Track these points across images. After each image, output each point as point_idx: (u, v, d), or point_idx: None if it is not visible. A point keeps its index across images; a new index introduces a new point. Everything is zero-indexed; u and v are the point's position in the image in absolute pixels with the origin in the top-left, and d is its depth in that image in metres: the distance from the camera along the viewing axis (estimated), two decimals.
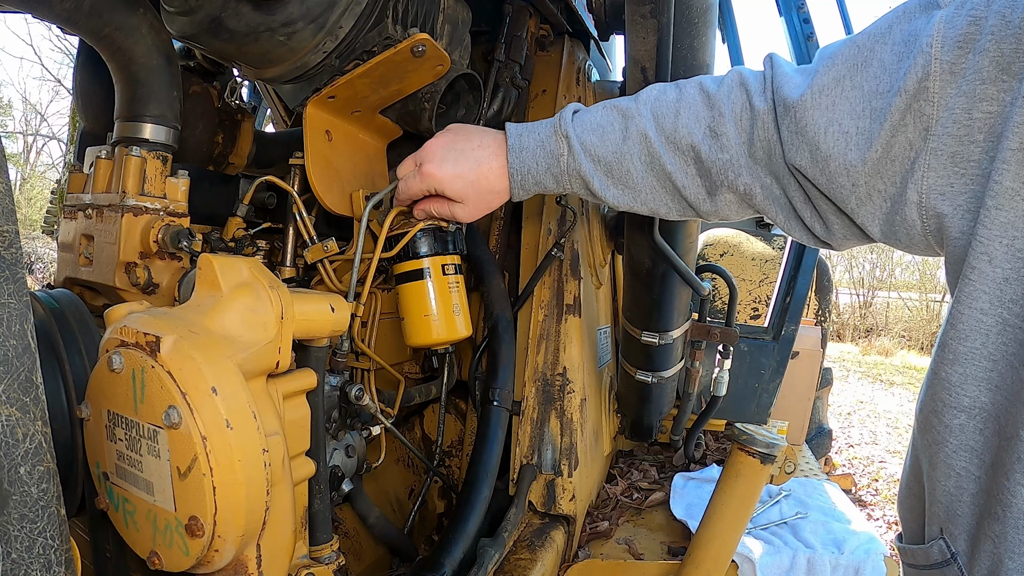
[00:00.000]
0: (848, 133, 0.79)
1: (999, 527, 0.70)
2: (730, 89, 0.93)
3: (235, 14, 1.07)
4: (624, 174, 0.99)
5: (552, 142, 1.02)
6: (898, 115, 0.74)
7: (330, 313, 0.90)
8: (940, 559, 0.79)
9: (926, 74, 0.72)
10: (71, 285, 1.18)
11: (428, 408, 1.80)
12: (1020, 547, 0.69)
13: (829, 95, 0.81)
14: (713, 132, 0.93)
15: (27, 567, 0.54)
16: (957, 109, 0.70)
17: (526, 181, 1.05)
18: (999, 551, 0.71)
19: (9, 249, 0.53)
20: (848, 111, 0.79)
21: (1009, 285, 0.68)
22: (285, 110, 2.03)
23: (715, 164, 0.94)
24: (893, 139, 0.75)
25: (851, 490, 5.17)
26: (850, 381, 10.66)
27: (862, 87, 0.78)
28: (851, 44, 0.81)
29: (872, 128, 0.77)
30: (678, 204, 1.01)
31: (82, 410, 0.76)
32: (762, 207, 0.96)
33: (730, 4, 2.83)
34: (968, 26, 0.69)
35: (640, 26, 1.10)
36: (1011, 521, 0.69)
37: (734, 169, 0.93)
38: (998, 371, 0.71)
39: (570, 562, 1.58)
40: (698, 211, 1.01)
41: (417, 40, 1.13)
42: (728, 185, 0.95)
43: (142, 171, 1.09)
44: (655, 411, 2.00)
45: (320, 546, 0.97)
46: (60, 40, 14.76)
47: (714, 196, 0.97)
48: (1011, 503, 0.69)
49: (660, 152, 0.96)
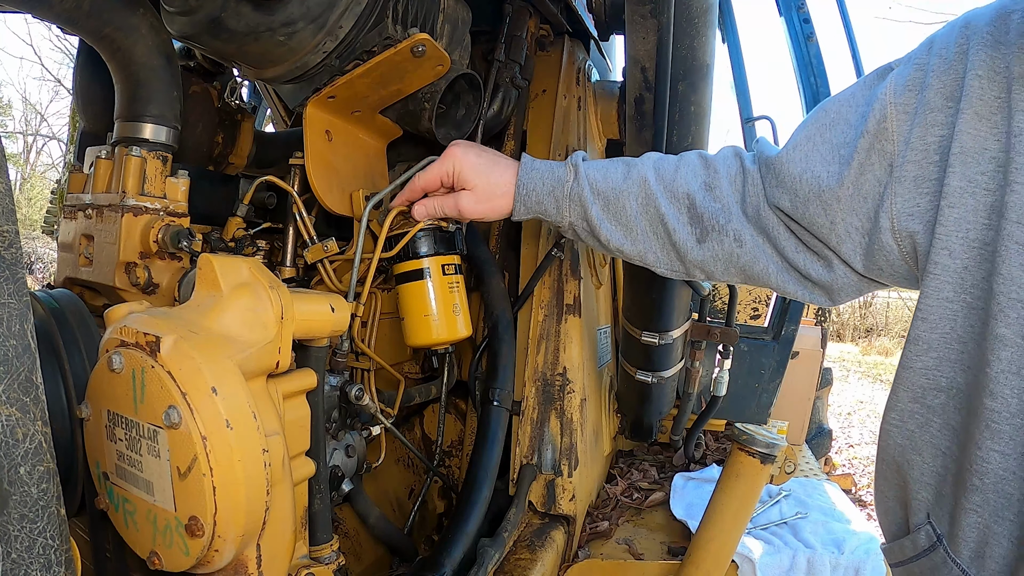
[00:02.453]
0: (820, 177, 0.88)
1: (979, 497, 0.75)
2: (726, 156, 1.04)
3: (235, 14, 1.07)
4: (620, 210, 1.05)
5: (561, 169, 1.09)
6: (863, 154, 0.84)
7: (330, 313, 0.90)
8: (927, 545, 0.82)
9: (883, 116, 0.82)
10: (71, 285, 1.18)
11: (428, 408, 1.80)
12: (1004, 511, 0.73)
13: (802, 149, 0.92)
14: (708, 186, 1.02)
15: (27, 567, 0.54)
16: (914, 139, 0.80)
17: (529, 199, 1.10)
18: (984, 520, 0.75)
19: (9, 249, 0.53)
20: (820, 159, 0.89)
21: (969, 273, 0.76)
22: (285, 110, 2.03)
23: (707, 211, 1.00)
24: (861, 177, 0.84)
25: (851, 490, 5.17)
26: (850, 381, 10.66)
27: (831, 141, 0.89)
28: (821, 110, 0.93)
29: (841, 170, 0.86)
30: (666, 253, 1.05)
31: (82, 410, 0.76)
32: (751, 260, 1.00)
33: (730, 4, 2.83)
34: (914, 72, 0.82)
35: (640, 26, 1.10)
36: (990, 487, 0.74)
37: (725, 215, 0.99)
38: (968, 352, 0.77)
39: (570, 562, 1.58)
40: (685, 260, 1.04)
41: (417, 40, 1.13)
42: (719, 230, 1.00)
43: (142, 171, 1.09)
44: (655, 411, 2.00)
45: (320, 546, 0.97)
46: (60, 40, 14.76)
47: (703, 243, 1.01)
48: (986, 470, 0.73)
49: (656, 195, 1.02)
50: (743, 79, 3.05)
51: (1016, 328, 0.70)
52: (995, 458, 0.73)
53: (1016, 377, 0.71)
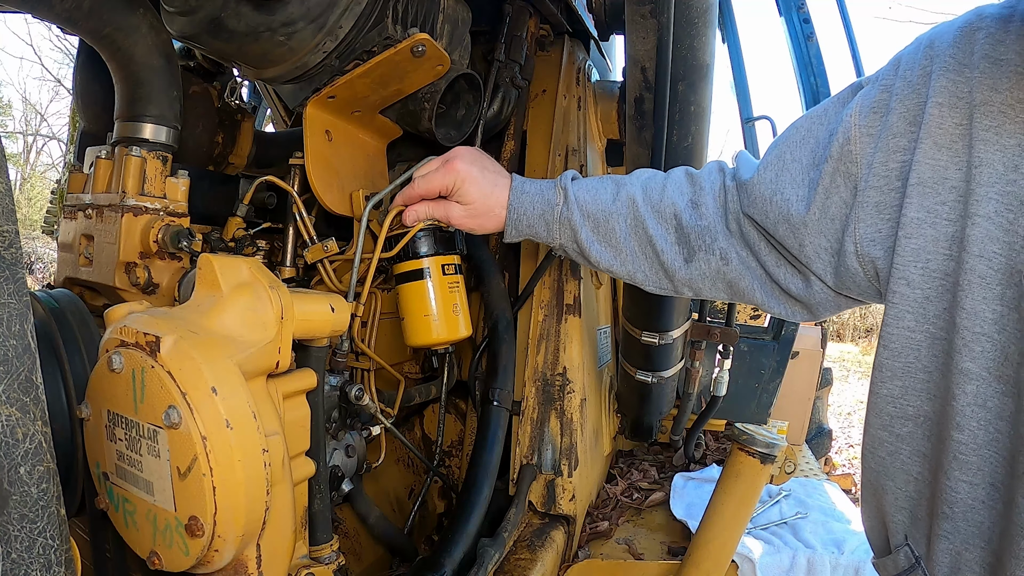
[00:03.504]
0: (789, 200, 0.89)
1: (950, 524, 0.75)
2: (710, 172, 1.04)
3: (235, 14, 1.07)
4: (609, 232, 1.05)
5: (551, 192, 1.09)
6: (828, 179, 0.84)
7: (330, 313, 0.90)
8: (906, 565, 0.83)
9: (847, 139, 0.82)
10: (71, 285, 1.18)
11: (428, 408, 1.80)
12: (975, 539, 0.74)
13: (773, 169, 0.93)
14: (694, 203, 1.02)
15: (27, 567, 0.54)
16: (876, 164, 0.79)
17: (520, 223, 1.10)
18: (956, 547, 0.76)
19: (9, 249, 0.53)
20: (789, 181, 0.90)
21: (930, 303, 0.75)
22: (285, 110, 2.03)
23: (694, 230, 1.01)
24: (828, 200, 0.85)
25: (851, 490, 5.16)
26: (850, 381, 10.65)
27: (801, 160, 0.89)
28: (793, 127, 0.93)
29: (809, 195, 0.87)
30: (655, 272, 1.06)
31: (82, 410, 0.76)
32: (737, 277, 1.00)
33: (730, 4, 2.83)
34: (880, 94, 0.81)
35: (640, 26, 1.10)
36: (960, 516, 0.74)
37: (711, 234, 1.00)
38: (933, 381, 0.77)
39: (570, 562, 1.58)
40: (673, 279, 1.05)
41: (417, 40, 1.13)
42: (706, 249, 1.01)
43: (142, 171, 1.09)
44: (655, 411, 2.00)
45: (320, 546, 0.97)
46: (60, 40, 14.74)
47: (690, 262, 1.02)
48: (956, 499, 0.74)
49: (644, 216, 1.03)
50: (743, 79, 3.05)
51: (981, 362, 0.70)
52: (964, 488, 0.74)
53: (982, 410, 0.71)
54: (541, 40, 1.77)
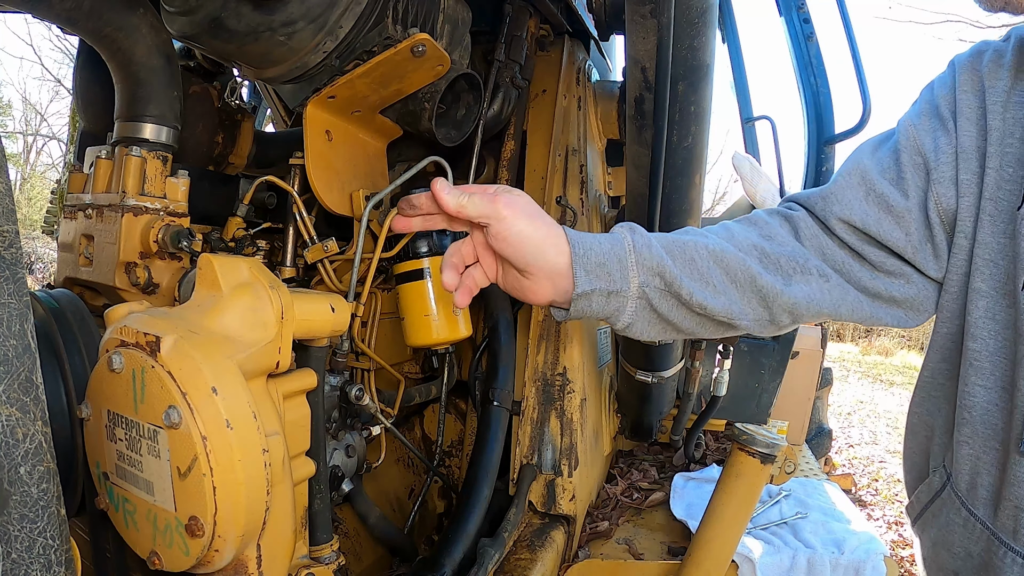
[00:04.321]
0: (886, 194, 0.94)
1: (969, 429, 0.88)
2: (760, 215, 1.02)
3: (235, 14, 1.07)
4: (689, 262, 0.93)
5: (612, 234, 0.94)
6: (908, 172, 0.94)
7: (330, 313, 0.90)
8: (939, 486, 0.94)
9: (908, 137, 0.95)
10: (71, 285, 1.18)
11: (428, 408, 1.80)
12: (989, 441, 0.86)
13: (855, 175, 0.97)
14: (767, 236, 0.98)
15: (27, 567, 0.54)
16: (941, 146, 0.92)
17: (588, 259, 0.88)
18: (975, 451, 0.87)
19: (9, 249, 0.53)
20: (878, 179, 0.95)
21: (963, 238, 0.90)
22: (285, 110, 2.03)
23: (782, 256, 0.96)
24: (914, 189, 0.94)
25: (851, 490, 5.16)
26: (850, 381, 10.65)
27: (877, 165, 0.97)
28: (853, 153, 1.01)
29: (900, 186, 0.94)
30: (749, 302, 0.94)
31: (82, 410, 0.76)
32: (841, 295, 0.96)
33: (730, 4, 2.83)
34: (923, 104, 0.97)
35: (640, 26, 1.10)
36: (977, 419, 0.87)
37: (802, 256, 0.96)
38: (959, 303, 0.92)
39: (570, 562, 1.58)
40: (772, 305, 0.94)
41: (417, 40, 1.13)
42: (801, 271, 0.95)
43: (142, 171, 1.09)
44: (655, 411, 2.00)
45: (320, 546, 0.97)
46: (60, 40, 14.74)
47: (789, 285, 0.94)
48: (973, 404, 0.87)
49: (723, 249, 0.94)
50: (743, 79, 3.05)
51: (990, 282, 0.86)
52: (980, 392, 0.86)
53: (992, 322, 0.86)
54: (541, 40, 1.77)
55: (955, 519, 0.90)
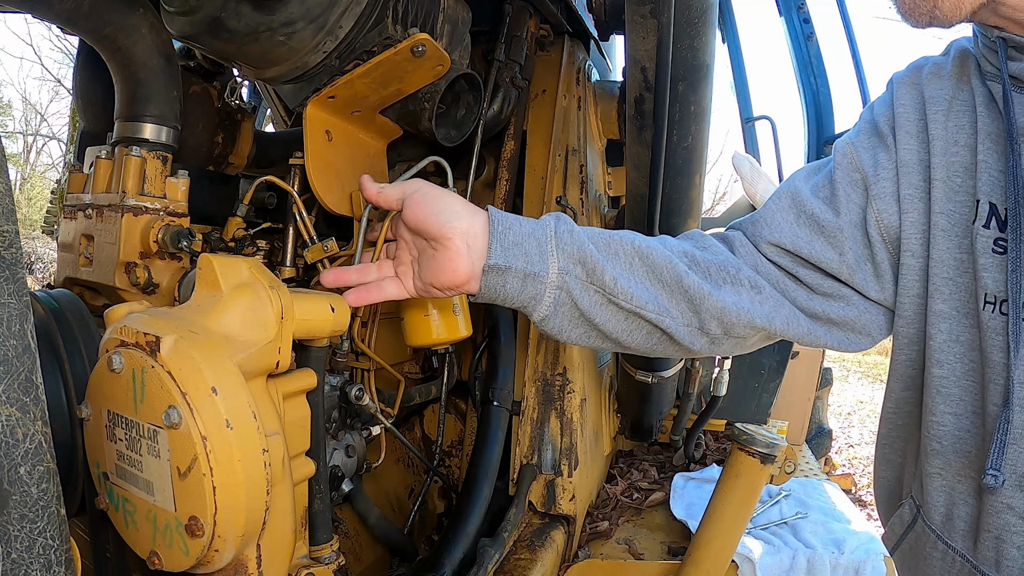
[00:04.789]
0: (816, 213, 0.91)
1: (941, 460, 0.83)
2: (692, 233, 1.02)
3: (235, 14, 1.07)
4: (613, 255, 0.90)
5: (535, 220, 0.91)
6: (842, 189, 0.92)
7: (330, 313, 0.90)
8: (910, 518, 0.90)
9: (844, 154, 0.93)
10: (71, 285, 1.18)
11: (428, 408, 1.80)
12: (964, 470, 0.81)
13: (786, 197, 0.95)
14: (701, 247, 0.96)
15: (27, 567, 0.54)
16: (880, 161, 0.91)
17: (506, 237, 0.86)
18: (948, 482, 0.83)
19: (9, 249, 0.53)
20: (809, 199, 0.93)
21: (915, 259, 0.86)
22: (285, 110, 2.02)
23: (713, 265, 0.92)
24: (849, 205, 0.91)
25: (851, 490, 5.16)
26: (850, 381, 10.65)
27: (809, 186, 0.95)
28: (789, 178, 0.99)
29: (833, 204, 0.92)
30: (677, 304, 0.90)
31: (82, 410, 0.76)
32: (774, 307, 0.92)
33: (730, 4, 2.83)
34: (862, 123, 0.95)
35: (640, 26, 1.10)
36: (949, 449, 0.82)
37: (734, 266, 0.93)
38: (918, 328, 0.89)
39: (570, 562, 1.58)
40: (700, 309, 0.90)
41: (417, 40, 1.13)
42: (732, 280, 0.91)
43: (142, 171, 1.09)
44: (655, 411, 2.00)
45: (320, 546, 0.97)
46: (60, 40, 14.73)
47: (719, 289, 0.90)
48: (943, 433, 0.82)
49: (650, 247, 0.91)
50: (743, 79, 3.05)
51: (951, 303, 0.82)
52: (949, 420, 0.82)
53: (956, 344, 0.81)
54: (541, 40, 1.77)
55: (933, 553, 0.86)
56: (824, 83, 2.80)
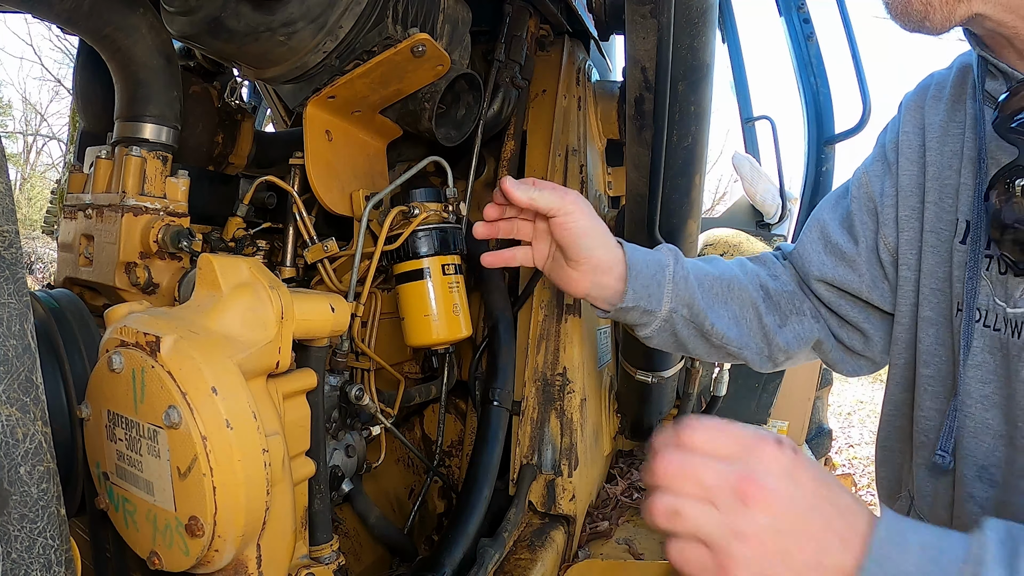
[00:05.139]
0: (839, 243, 1.03)
1: (927, 452, 0.91)
2: (765, 255, 1.16)
3: (235, 14, 1.07)
4: (716, 297, 1.06)
5: (659, 252, 1.05)
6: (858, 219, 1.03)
7: (330, 313, 0.90)
8: (905, 509, 0.97)
9: (860, 183, 1.04)
10: (71, 285, 1.18)
11: (428, 408, 1.80)
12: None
13: (815, 230, 1.08)
14: (773, 276, 1.12)
15: (27, 567, 0.54)
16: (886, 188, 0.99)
17: (637, 281, 0.97)
18: (932, 472, 0.91)
19: (9, 249, 0.53)
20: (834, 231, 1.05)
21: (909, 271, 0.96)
22: (285, 110, 2.02)
23: (783, 296, 1.09)
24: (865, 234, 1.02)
25: (851, 490, 5.16)
26: (850, 381, 10.63)
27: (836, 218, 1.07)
28: (821, 203, 1.12)
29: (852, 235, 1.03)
30: (756, 338, 1.07)
31: (82, 410, 0.76)
32: (824, 337, 1.09)
33: (730, 4, 2.83)
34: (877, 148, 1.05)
35: (640, 26, 1.10)
36: (934, 442, 0.89)
37: (799, 298, 1.10)
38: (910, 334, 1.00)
39: (570, 562, 1.58)
40: (771, 343, 1.07)
41: (417, 40, 1.13)
42: (796, 312, 1.08)
43: (142, 171, 1.09)
44: (655, 411, 2.00)
45: (320, 546, 0.97)
46: (60, 40, 14.72)
47: (783, 327, 1.07)
48: (929, 426, 0.91)
49: (743, 281, 1.08)
50: (743, 79, 3.05)
51: (937, 310, 0.91)
52: (935, 416, 0.91)
53: (941, 347, 0.91)
54: (541, 40, 1.76)
55: None
56: (824, 83, 2.81)
